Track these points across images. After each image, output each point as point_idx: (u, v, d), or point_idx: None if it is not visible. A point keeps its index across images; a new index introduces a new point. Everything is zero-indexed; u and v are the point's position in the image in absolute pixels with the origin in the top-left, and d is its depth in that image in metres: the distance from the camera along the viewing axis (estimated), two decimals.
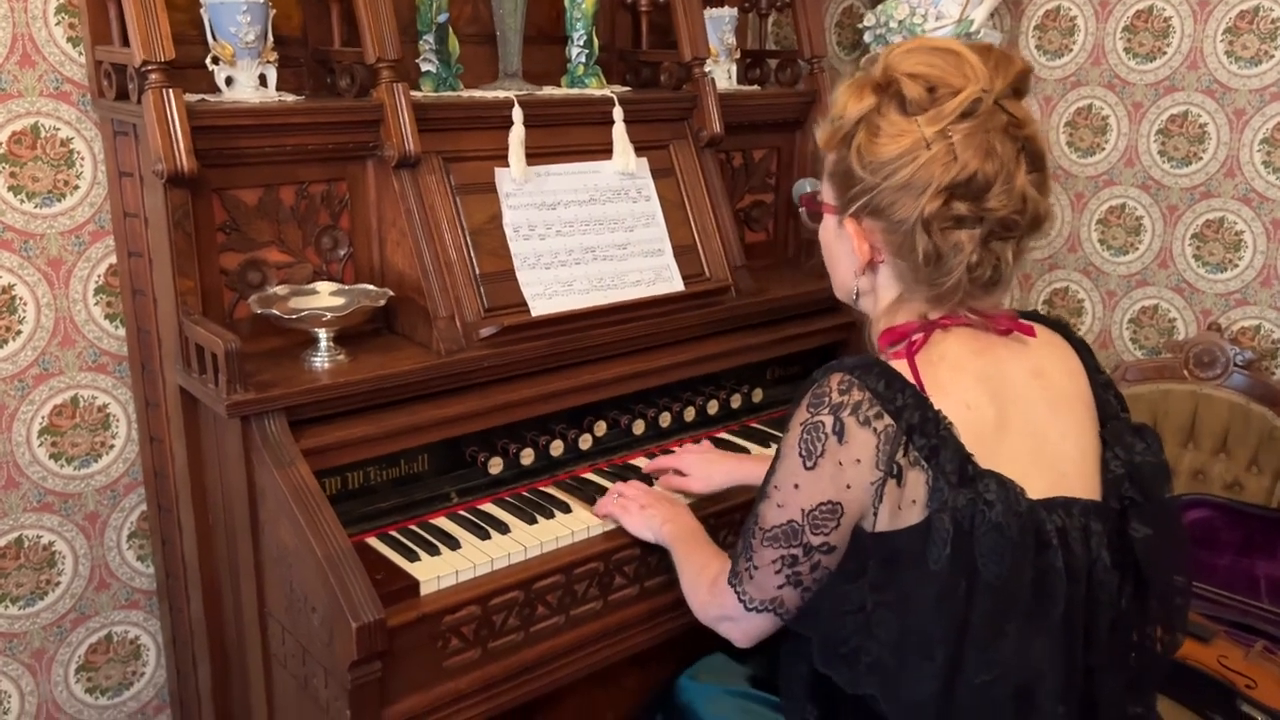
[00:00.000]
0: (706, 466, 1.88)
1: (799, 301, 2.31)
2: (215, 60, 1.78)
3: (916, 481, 1.24)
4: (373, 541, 1.71)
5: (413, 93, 1.87)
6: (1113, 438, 1.38)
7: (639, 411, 2.06)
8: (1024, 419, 1.31)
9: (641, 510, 1.78)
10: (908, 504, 1.25)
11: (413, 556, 1.65)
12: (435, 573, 1.61)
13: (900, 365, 1.29)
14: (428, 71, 2.02)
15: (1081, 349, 1.44)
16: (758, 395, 2.24)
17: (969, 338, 1.34)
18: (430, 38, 2.00)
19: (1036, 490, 1.27)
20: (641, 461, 2.00)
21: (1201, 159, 2.58)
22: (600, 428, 2.00)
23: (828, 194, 1.43)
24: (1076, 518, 1.28)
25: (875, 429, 1.24)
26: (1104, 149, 2.74)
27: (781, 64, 2.56)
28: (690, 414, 2.12)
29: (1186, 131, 2.59)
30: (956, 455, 1.24)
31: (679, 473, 1.90)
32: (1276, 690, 2.09)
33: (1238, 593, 2.35)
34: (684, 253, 2.15)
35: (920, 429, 1.24)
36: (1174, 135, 2.61)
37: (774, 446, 2.07)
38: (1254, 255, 2.54)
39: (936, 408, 1.25)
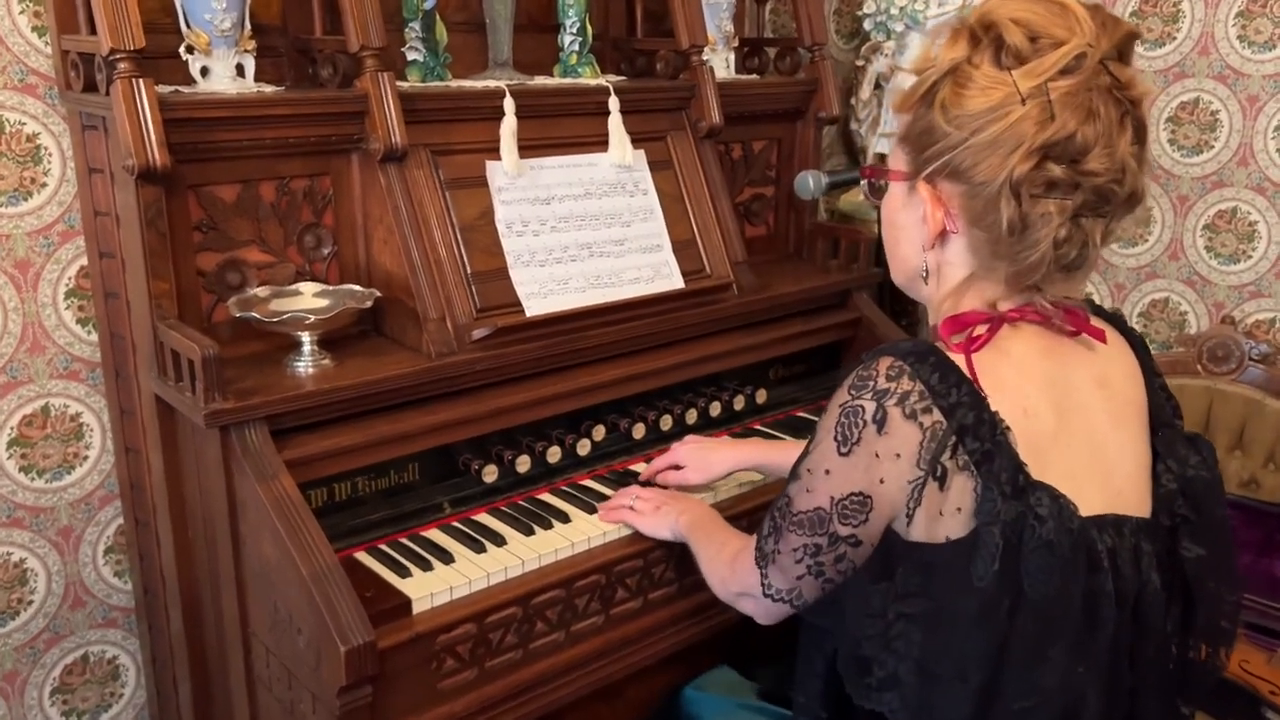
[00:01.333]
0: (703, 456, 1.80)
1: (803, 298, 2.23)
2: (189, 49, 1.68)
3: (963, 488, 1.15)
4: (361, 556, 1.62)
5: (399, 83, 1.78)
6: (1165, 448, 1.28)
7: (638, 415, 1.97)
8: (1084, 430, 1.22)
9: (656, 511, 1.70)
10: (951, 512, 1.16)
11: (404, 572, 1.56)
12: (428, 589, 1.52)
13: (958, 358, 1.19)
14: (414, 60, 1.93)
15: (1140, 348, 1.34)
16: (761, 396, 2.16)
17: (1037, 336, 1.24)
18: (417, 25, 1.91)
19: (1089, 506, 1.18)
20: (641, 467, 1.92)
21: (1213, 147, 2.51)
22: (599, 432, 1.91)
23: (897, 159, 1.30)
24: (1127, 538, 1.19)
25: (922, 424, 1.15)
26: None
27: (781, 52, 2.48)
28: (692, 416, 2.04)
29: (1197, 119, 2.52)
30: (1011, 464, 1.14)
31: (675, 467, 1.83)
32: None
33: (1256, 594, 2.28)
34: (683, 248, 2.06)
35: (974, 431, 1.14)
36: (1184, 123, 2.54)
37: None
38: (1268, 246, 2.47)
39: (993, 409, 1.16)
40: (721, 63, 2.32)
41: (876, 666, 1.22)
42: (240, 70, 1.72)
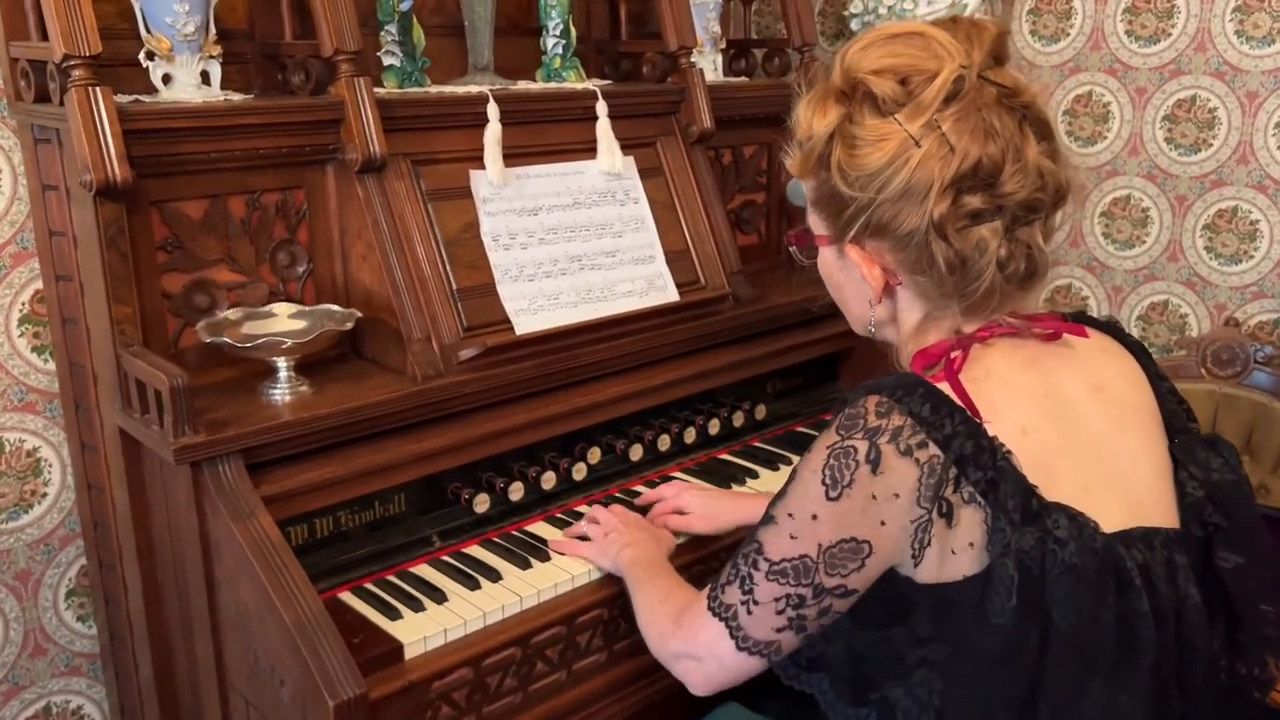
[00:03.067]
0: (712, 505, 1.68)
1: (800, 308, 2.13)
2: (150, 55, 1.57)
3: (972, 521, 1.08)
4: (347, 597, 1.50)
5: (375, 89, 1.67)
6: (1184, 454, 1.21)
7: (635, 435, 1.87)
8: (1089, 440, 1.15)
9: (603, 538, 1.60)
10: (962, 548, 1.08)
11: (394, 614, 1.45)
12: (421, 632, 1.42)
13: (943, 387, 1.12)
14: (391, 65, 1.82)
15: (1139, 353, 1.28)
16: (760, 411, 2.06)
17: (1013, 349, 1.18)
18: (393, 28, 1.80)
19: (1111, 521, 1.10)
20: (641, 489, 1.81)
21: (1212, 145, 2.44)
22: (594, 455, 1.81)
23: (816, 224, 1.27)
24: (1159, 551, 1.12)
25: (918, 460, 1.07)
26: (1106, 138, 2.59)
27: (769, 53, 2.39)
28: (691, 435, 1.94)
29: (1195, 117, 2.45)
30: (1018, 488, 1.07)
31: (680, 511, 1.71)
32: None
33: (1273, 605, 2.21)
34: (677, 259, 1.97)
35: (974, 460, 1.07)
36: (1181, 121, 2.47)
37: (783, 469, 1.94)
38: (1270, 245, 2.41)
39: (991, 434, 1.09)
40: (709, 65, 2.23)
41: (901, 715, 1.15)
42: (205, 77, 1.61)
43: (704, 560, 1.66)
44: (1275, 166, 2.37)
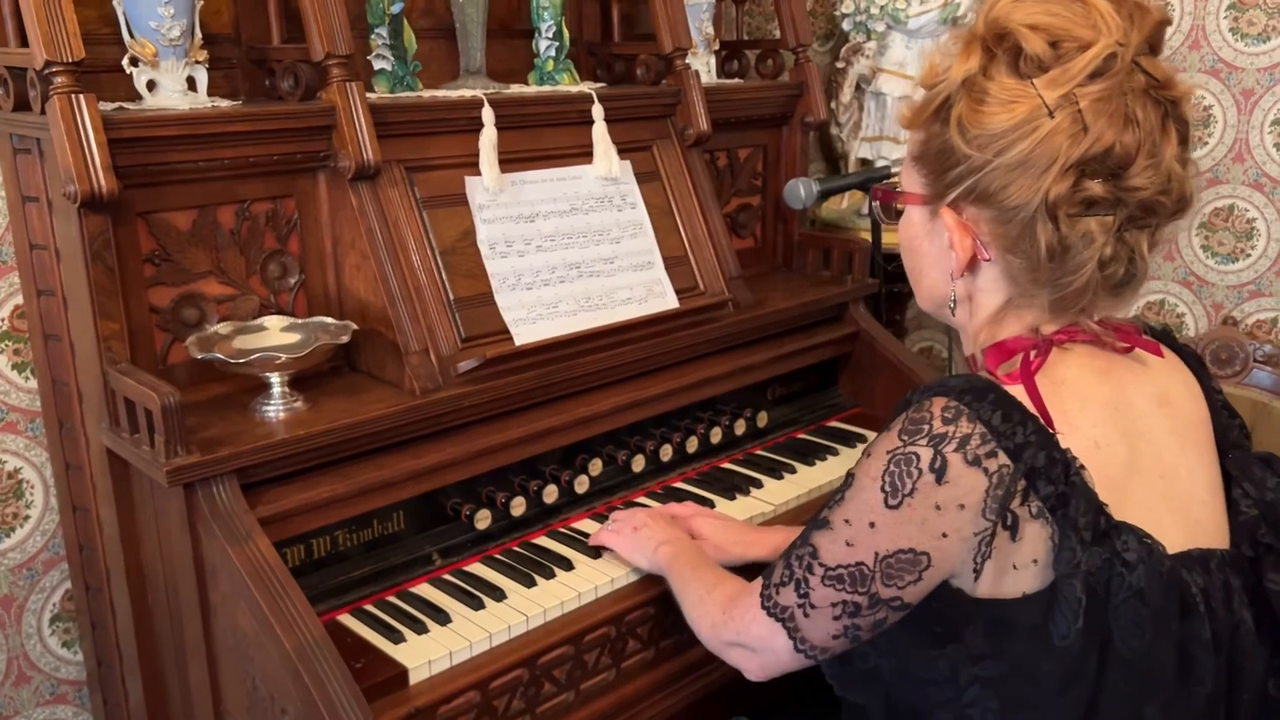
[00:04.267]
0: (723, 535, 1.60)
1: (800, 313, 2.11)
2: (134, 61, 1.51)
3: (1036, 537, 1.03)
4: (347, 620, 1.45)
5: (367, 94, 1.62)
6: (1239, 471, 1.17)
7: (636, 445, 1.83)
8: (1153, 456, 1.11)
9: (634, 532, 1.55)
10: (1025, 564, 1.04)
11: (396, 637, 1.40)
12: (425, 656, 1.37)
13: (1016, 391, 1.07)
14: (382, 70, 1.77)
15: (1196, 365, 1.23)
16: (762, 419, 2.02)
17: (1089, 357, 1.12)
18: (383, 31, 1.75)
19: (1172, 543, 1.06)
20: (644, 502, 1.77)
21: (1208, 144, 2.43)
22: (596, 467, 1.77)
23: (911, 181, 1.19)
24: (1215, 574, 1.08)
25: (986, 469, 1.02)
26: None
27: (762, 55, 2.35)
28: (693, 444, 1.90)
29: (1191, 115, 2.44)
30: (1089, 505, 1.02)
31: (691, 534, 1.66)
32: None
33: None
34: (675, 264, 1.93)
35: (1045, 473, 1.02)
36: None
37: (787, 478, 1.90)
38: (1268, 243, 2.40)
39: (1064, 446, 1.04)
40: (703, 67, 2.19)
41: None
42: (191, 84, 1.56)
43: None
44: (1272, 164, 2.36)
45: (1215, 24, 2.36)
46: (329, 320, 1.61)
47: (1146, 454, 1.11)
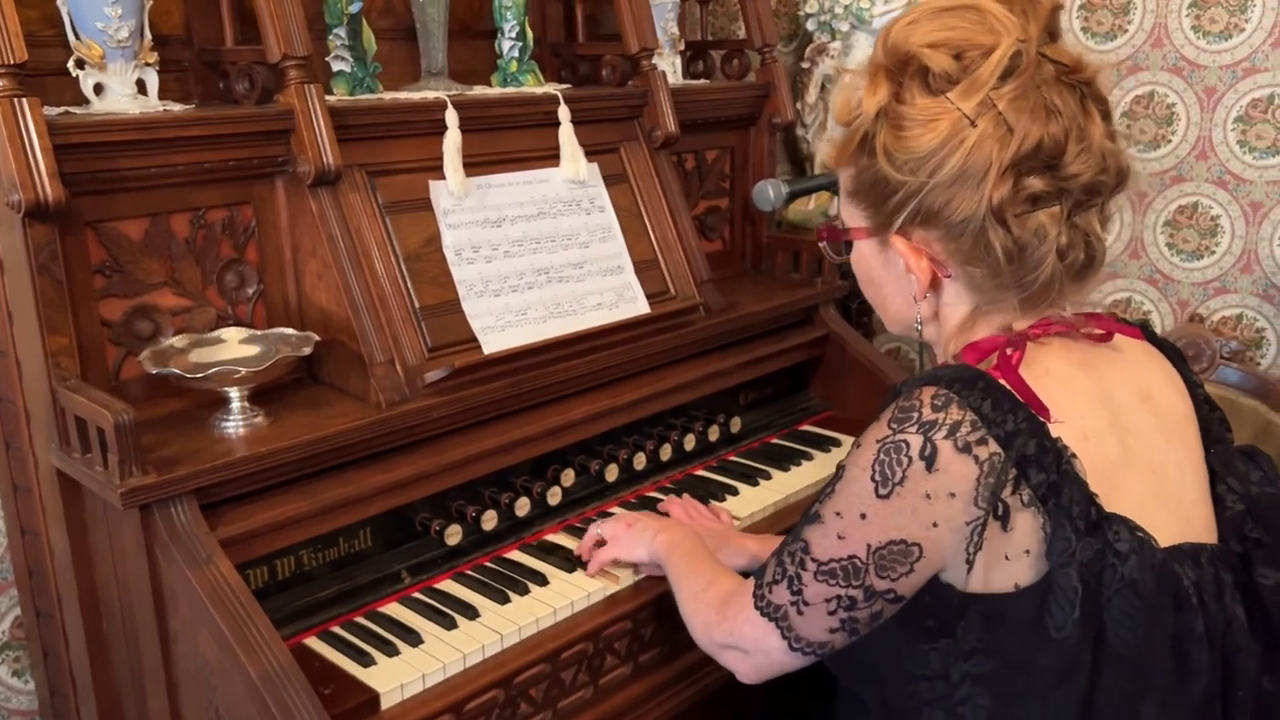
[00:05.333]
0: (727, 539, 1.57)
1: (771, 316, 2.08)
2: (80, 64, 1.45)
3: (1028, 527, 1.02)
4: (313, 643, 1.40)
5: (325, 97, 1.56)
6: (1222, 466, 1.17)
7: (609, 454, 1.79)
8: (1142, 451, 1.10)
9: (628, 529, 1.52)
10: (1017, 554, 1.03)
11: (366, 660, 1.35)
12: (397, 679, 1.32)
13: (1002, 384, 1.06)
14: (340, 72, 1.72)
15: (1176, 358, 1.23)
16: (735, 425, 1.99)
17: (1067, 349, 1.12)
18: (341, 31, 1.69)
19: (1164, 538, 1.06)
20: (617, 511, 1.73)
21: (1171, 141, 2.44)
22: (568, 477, 1.72)
23: (853, 216, 1.20)
24: (1207, 568, 1.08)
25: (977, 457, 1.01)
26: None
27: (728, 55, 2.32)
28: (667, 451, 1.86)
29: (1153, 113, 2.44)
30: (1081, 495, 1.02)
31: None
32: None
33: None
34: (645, 269, 1.89)
35: (1036, 461, 1.01)
36: (1140, 118, 2.46)
37: (762, 484, 1.87)
38: (1232, 240, 2.40)
39: (1055, 435, 1.03)
40: (669, 67, 2.15)
41: None
42: (141, 87, 1.50)
43: None
44: (1235, 162, 2.36)
45: (1177, 22, 2.37)
46: (290, 331, 1.55)
47: (1134, 448, 1.10)
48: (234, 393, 1.43)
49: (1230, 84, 2.33)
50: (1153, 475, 1.10)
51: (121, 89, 1.47)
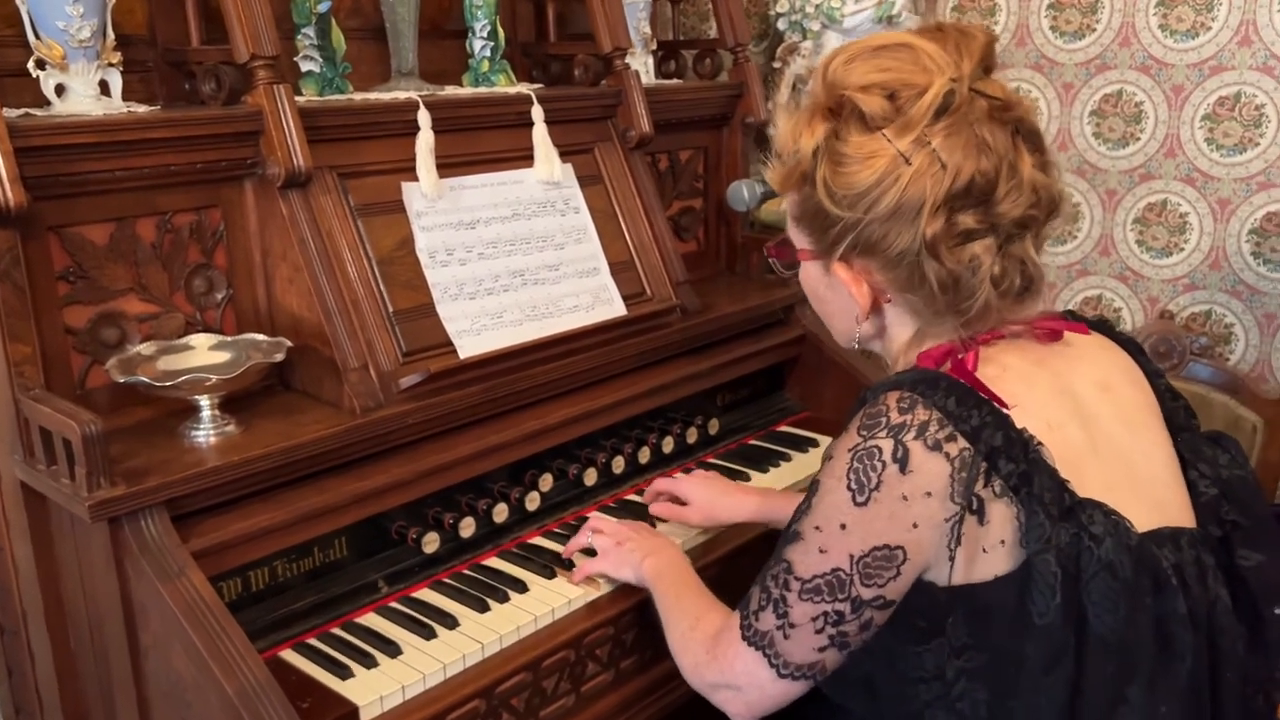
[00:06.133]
0: (711, 498, 1.63)
1: (748, 317, 2.07)
2: (40, 64, 1.41)
3: (1003, 518, 1.03)
4: (289, 656, 1.37)
5: (295, 97, 1.53)
6: (1191, 453, 1.19)
7: (587, 458, 1.77)
8: (1106, 439, 1.12)
9: (618, 547, 1.51)
10: (994, 546, 1.04)
11: (344, 672, 1.32)
12: (376, 691, 1.29)
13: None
14: (309, 72, 1.68)
15: (1134, 350, 1.25)
16: (713, 426, 1.98)
17: (1020, 349, 1.15)
18: (310, 31, 1.66)
19: (1139, 523, 1.07)
20: (596, 515, 1.71)
21: (1139, 139, 2.45)
22: (546, 482, 1.70)
23: (799, 238, 1.22)
24: (1187, 551, 1.09)
25: (948, 454, 1.03)
26: None
27: (700, 55, 2.31)
28: (645, 455, 1.84)
29: (1122, 111, 2.46)
30: (1051, 481, 1.03)
31: (678, 501, 1.66)
32: None
33: None
34: (621, 270, 1.87)
35: (1005, 452, 1.03)
36: (1108, 116, 2.48)
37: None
38: (1200, 237, 2.42)
39: (1020, 425, 1.05)
40: (641, 67, 2.14)
41: None
42: (104, 88, 1.46)
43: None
44: (1203, 159, 2.38)
45: (1145, 21, 2.38)
46: (260, 337, 1.52)
47: (1099, 437, 1.12)
48: (204, 401, 1.39)
49: (1198, 82, 2.35)
50: (1120, 462, 1.11)
51: (84, 90, 1.43)
